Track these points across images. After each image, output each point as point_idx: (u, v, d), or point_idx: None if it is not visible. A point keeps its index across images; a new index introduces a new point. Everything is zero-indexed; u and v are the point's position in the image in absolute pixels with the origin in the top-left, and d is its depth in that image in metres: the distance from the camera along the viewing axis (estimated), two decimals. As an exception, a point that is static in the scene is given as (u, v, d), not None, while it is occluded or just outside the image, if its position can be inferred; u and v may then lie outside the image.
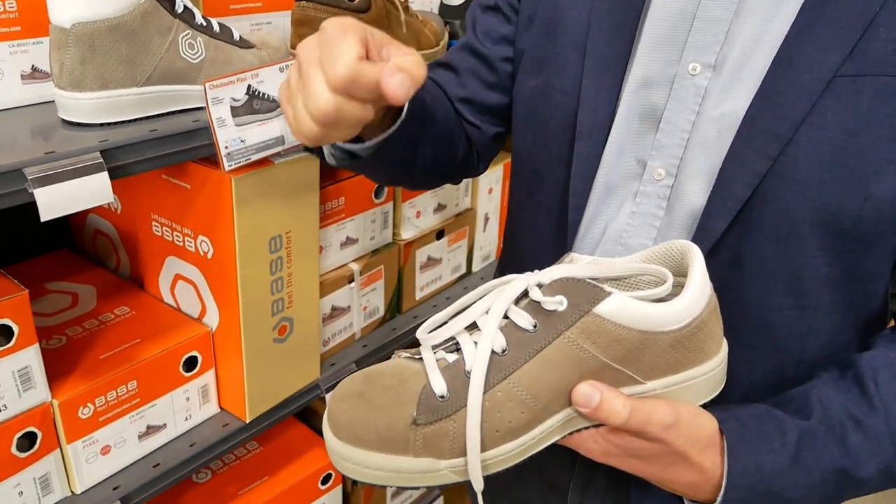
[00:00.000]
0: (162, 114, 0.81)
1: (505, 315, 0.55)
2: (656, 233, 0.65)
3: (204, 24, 0.83)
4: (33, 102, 0.82)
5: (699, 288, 0.54)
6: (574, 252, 0.62)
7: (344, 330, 1.18)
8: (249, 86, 0.81)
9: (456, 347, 0.56)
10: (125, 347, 0.90)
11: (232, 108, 0.80)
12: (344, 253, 1.15)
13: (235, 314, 0.92)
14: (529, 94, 0.74)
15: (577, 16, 0.68)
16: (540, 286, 0.55)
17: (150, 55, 0.77)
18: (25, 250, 1.10)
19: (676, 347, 0.55)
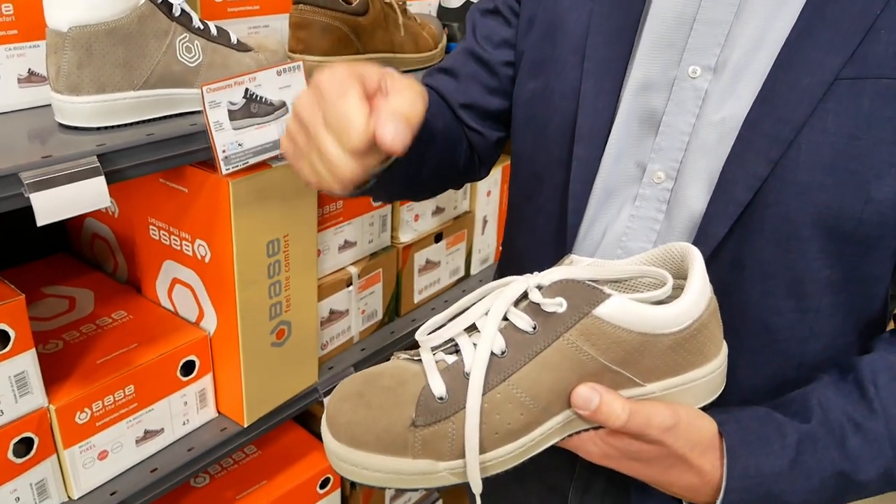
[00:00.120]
0: (159, 117, 0.81)
1: (504, 317, 0.55)
2: (656, 236, 0.65)
3: (201, 28, 0.83)
4: (30, 106, 0.82)
5: (699, 290, 0.54)
6: (573, 255, 0.61)
7: (342, 333, 1.18)
8: (247, 89, 0.81)
9: (455, 349, 0.56)
10: (122, 352, 0.90)
11: (229, 112, 0.80)
12: (342, 256, 1.15)
13: (233, 318, 0.92)
14: (529, 97, 0.73)
15: (577, 19, 0.68)
16: (539, 288, 0.55)
17: (148, 59, 0.77)
18: (23, 254, 1.10)
19: (676, 350, 0.54)
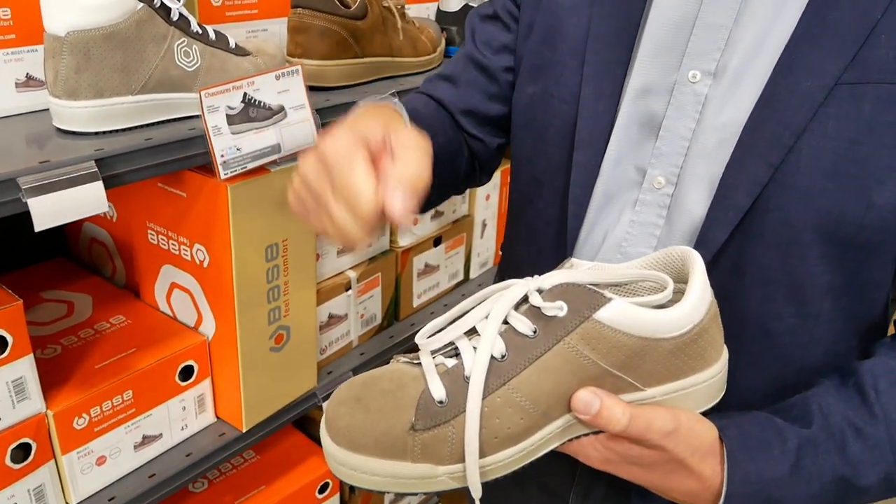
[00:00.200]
0: (157, 122, 0.81)
1: (505, 320, 0.55)
2: (656, 241, 0.64)
3: (199, 32, 0.83)
4: (28, 111, 0.82)
5: (700, 294, 0.54)
6: (574, 258, 0.61)
7: (341, 338, 1.18)
8: (245, 94, 0.81)
9: (455, 352, 0.55)
10: (121, 357, 0.89)
11: (228, 117, 0.80)
12: (341, 260, 1.15)
13: (232, 323, 0.92)
14: (528, 102, 0.73)
15: (577, 23, 0.68)
16: (540, 291, 0.55)
17: (146, 63, 0.77)
18: (20, 258, 1.09)
19: (677, 354, 0.54)
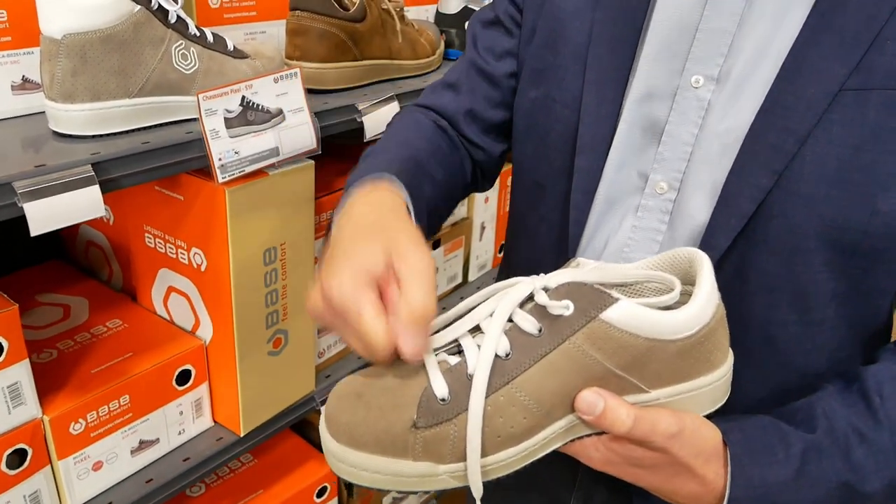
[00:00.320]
0: (155, 125, 0.80)
1: (510, 318, 0.54)
2: (658, 247, 0.64)
3: (197, 35, 0.82)
4: (23, 113, 0.81)
5: (707, 296, 0.53)
6: (580, 258, 0.61)
7: (339, 341, 1.17)
8: (243, 97, 0.80)
9: (458, 350, 0.55)
10: (117, 361, 0.89)
11: (226, 120, 0.79)
12: (339, 263, 1.14)
13: (229, 327, 0.91)
14: (530, 106, 0.73)
15: (579, 27, 0.68)
16: (546, 290, 0.54)
17: (143, 66, 0.76)
18: (16, 261, 1.08)
19: (683, 356, 0.54)
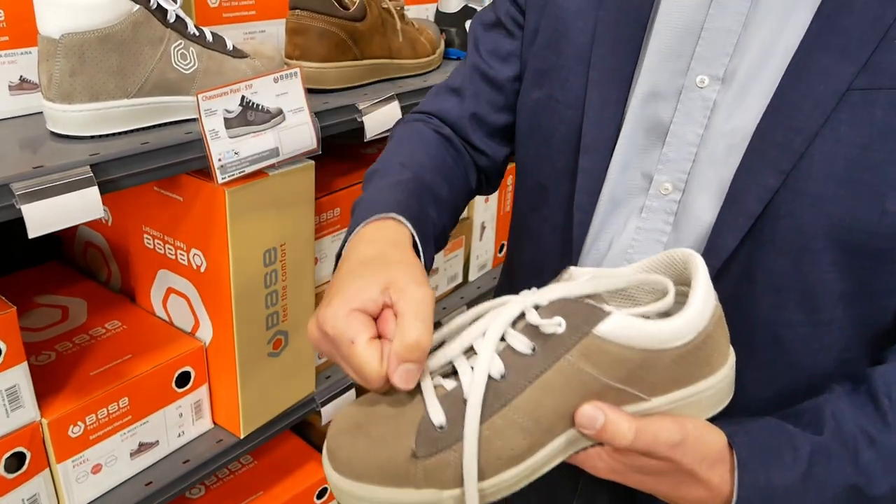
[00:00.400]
0: (154, 126, 0.79)
1: (502, 338, 0.53)
2: (663, 248, 0.63)
3: (196, 34, 0.81)
4: (21, 114, 0.81)
5: (703, 301, 0.52)
6: (579, 267, 0.60)
7: (339, 342, 1.16)
8: (243, 97, 0.80)
9: (454, 370, 0.54)
10: (116, 363, 0.88)
11: (225, 120, 0.79)
12: (339, 264, 1.14)
13: (229, 328, 0.91)
14: (533, 107, 0.72)
15: (582, 27, 0.67)
16: (537, 308, 0.53)
17: (142, 66, 0.76)
18: (14, 262, 1.08)
19: (681, 363, 0.53)
